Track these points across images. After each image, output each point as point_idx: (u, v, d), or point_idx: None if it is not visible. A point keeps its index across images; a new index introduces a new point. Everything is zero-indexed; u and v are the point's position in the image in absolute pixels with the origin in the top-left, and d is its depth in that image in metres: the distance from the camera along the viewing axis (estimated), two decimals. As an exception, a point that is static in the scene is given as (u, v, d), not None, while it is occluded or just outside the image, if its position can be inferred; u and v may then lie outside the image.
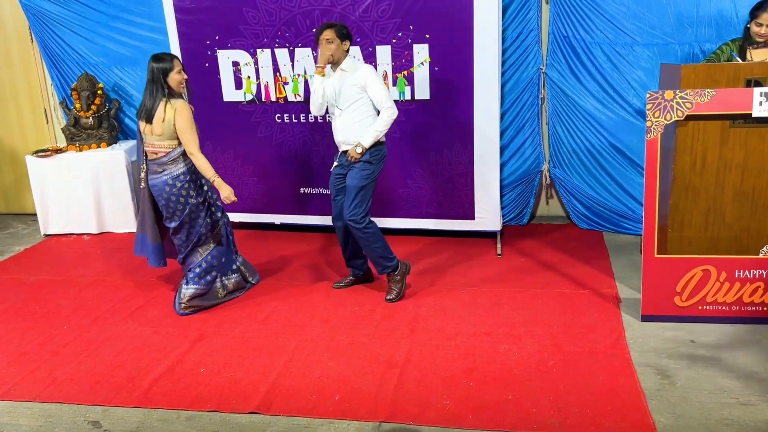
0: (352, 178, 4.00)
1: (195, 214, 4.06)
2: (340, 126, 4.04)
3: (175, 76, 3.93)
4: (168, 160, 3.96)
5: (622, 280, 4.33)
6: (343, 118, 4.01)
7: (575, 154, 5.19)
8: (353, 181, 3.99)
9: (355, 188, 3.98)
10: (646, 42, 4.81)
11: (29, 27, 5.95)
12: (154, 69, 3.88)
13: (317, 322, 3.96)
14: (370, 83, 3.93)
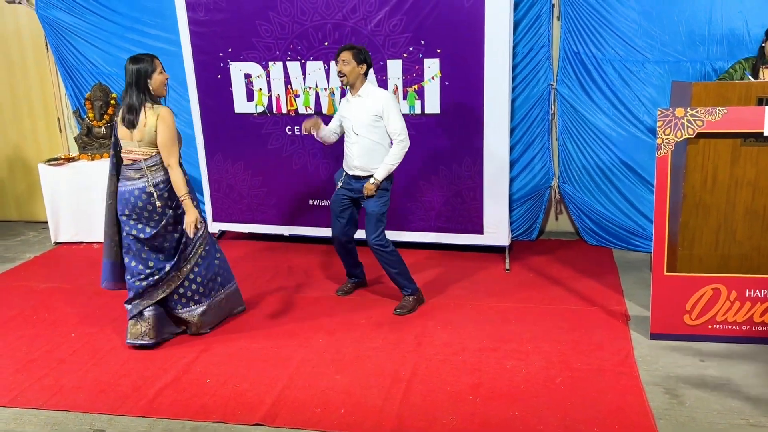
0: (372, 206, 4.05)
1: (171, 227, 3.80)
2: (357, 152, 4.03)
3: (158, 77, 3.67)
4: (146, 166, 3.69)
5: (632, 298, 4.30)
6: (360, 144, 4.02)
7: (585, 170, 5.18)
8: (374, 208, 4.05)
9: (376, 215, 4.05)
10: (658, 59, 4.81)
11: (45, 37, 6.03)
12: (133, 71, 3.62)
13: (323, 334, 3.95)
14: (388, 111, 3.96)
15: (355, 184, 4.11)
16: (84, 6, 5.77)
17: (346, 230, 4.27)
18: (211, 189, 5.51)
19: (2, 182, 6.61)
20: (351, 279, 4.60)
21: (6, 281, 5.06)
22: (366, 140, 4.00)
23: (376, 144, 4.02)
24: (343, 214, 4.20)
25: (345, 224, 4.24)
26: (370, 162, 4.02)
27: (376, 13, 4.72)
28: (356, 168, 4.07)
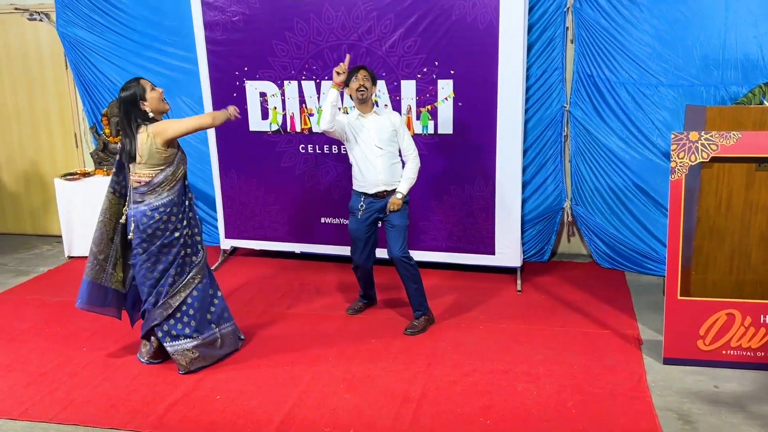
0: (398, 220, 4.13)
1: (167, 250, 3.66)
2: (382, 166, 4.10)
3: (152, 94, 3.60)
4: (148, 190, 3.59)
5: (644, 322, 4.27)
6: (384, 159, 4.11)
7: (598, 193, 5.17)
8: (399, 221, 4.13)
9: (403, 228, 4.14)
10: (671, 83, 4.81)
11: (65, 54, 6.13)
12: (124, 100, 3.55)
13: (333, 353, 3.95)
14: (402, 130, 4.19)
15: (378, 204, 4.15)
16: (104, 24, 5.87)
17: (370, 256, 4.33)
18: (224, 206, 5.55)
19: (18, 196, 6.68)
20: (363, 299, 4.60)
21: (19, 294, 5.10)
22: (389, 154, 4.12)
23: (395, 157, 4.16)
24: (368, 241, 4.26)
25: (370, 251, 4.30)
26: (393, 176, 4.14)
27: (391, 34, 4.77)
28: (381, 183, 4.12)
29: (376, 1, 4.73)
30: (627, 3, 4.78)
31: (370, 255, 4.33)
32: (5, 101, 6.47)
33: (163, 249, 3.65)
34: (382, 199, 4.15)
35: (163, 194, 3.62)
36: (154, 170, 3.59)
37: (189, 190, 3.79)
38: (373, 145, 4.09)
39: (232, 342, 3.97)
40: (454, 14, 4.61)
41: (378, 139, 4.09)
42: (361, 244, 4.25)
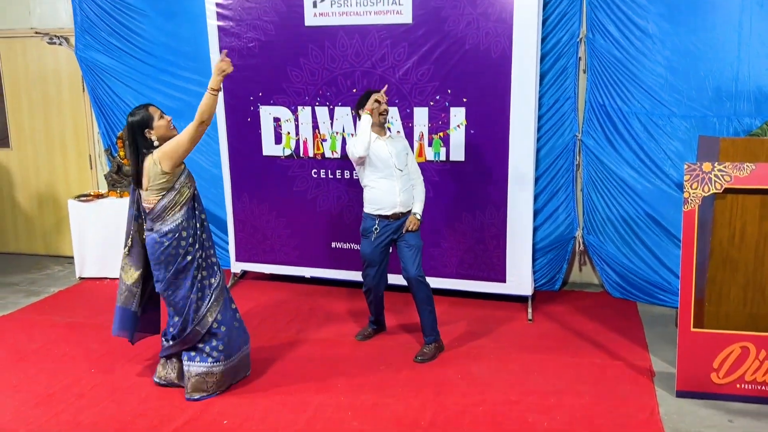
0: (414, 239, 4.21)
1: (182, 275, 3.62)
2: (401, 187, 4.18)
3: (160, 122, 3.56)
4: (153, 216, 3.57)
5: (657, 353, 4.22)
6: (404, 180, 4.19)
7: (610, 222, 5.15)
8: (416, 241, 4.22)
9: (419, 248, 4.22)
10: (684, 114, 4.82)
11: (82, 78, 6.22)
12: (131, 125, 3.53)
13: (342, 379, 3.92)
14: (411, 153, 4.36)
15: (393, 225, 4.19)
16: (122, 49, 5.97)
17: (382, 279, 4.36)
18: (236, 229, 5.57)
19: (32, 216, 6.74)
20: (373, 325, 4.58)
21: (30, 314, 5.12)
22: (406, 176, 4.22)
23: (410, 179, 4.27)
24: (381, 264, 4.29)
25: (382, 273, 4.33)
26: (409, 197, 4.22)
27: (404, 62, 4.81)
28: (399, 204, 4.17)
29: (390, 30, 4.79)
30: (639, 34, 4.81)
31: (382, 278, 4.35)
32: (22, 122, 6.56)
33: (179, 275, 3.61)
34: (397, 220, 4.18)
35: (168, 220, 3.56)
36: (157, 196, 3.55)
37: (201, 210, 3.78)
38: (393, 166, 4.14)
39: (246, 366, 3.96)
40: (467, 43, 4.66)
41: (399, 162, 4.17)
42: (374, 267, 4.26)
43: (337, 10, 4.86)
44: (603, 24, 4.89)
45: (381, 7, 4.77)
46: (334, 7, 4.86)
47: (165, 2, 5.76)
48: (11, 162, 6.69)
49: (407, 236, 4.19)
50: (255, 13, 5.05)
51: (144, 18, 5.84)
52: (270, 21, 5.03)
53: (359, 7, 4.82)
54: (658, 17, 4.76)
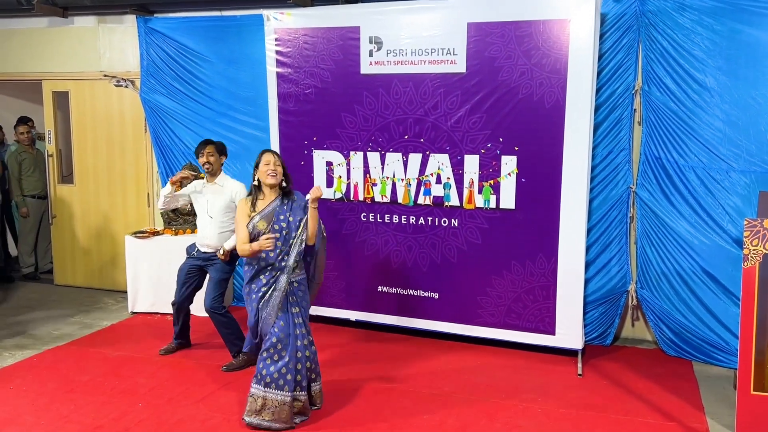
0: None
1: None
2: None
3: (262, 167, 3.97)
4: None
5: (713, 416, 4.03)
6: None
7: (664, 277, 5.01)
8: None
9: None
10: (743, 169, 4.70)
11: (145, 119, 6.48)
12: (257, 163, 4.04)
13: (385, 427, 3.87)
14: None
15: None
16: (183, 92, 6.20)
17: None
18: (284, 270, 5.62)
19: (90, 251, 6.96)
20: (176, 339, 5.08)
21: (82, 347, 5.24)
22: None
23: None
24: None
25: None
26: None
27: (456, 110, 4.87)
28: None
29: (443, 78, 4.86)
30: (697, 87, 4.76)
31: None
32: (86, 159, 6.84)
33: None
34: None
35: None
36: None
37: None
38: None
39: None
40: (520, 93, 4.69)
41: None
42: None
43: (392, 59, 4.97)
44: (659, 76, 4.86)
45: (435, 57, 4.86)
46: (390, 56, 4.98)
47: (228, 49, 5.99)
48: (74, 198, 6.96)
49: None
50: (313, 61, 5.20)
51: (206, 63, 6.08)
52: (327, 69, 5.17)
53: (414, 56, 4.91)
54: (716, 71, 4.70)
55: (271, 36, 5.33)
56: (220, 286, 4.74)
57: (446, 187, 5.02)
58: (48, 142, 7.02)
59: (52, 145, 7.01)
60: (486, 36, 4.72)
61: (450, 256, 5.08)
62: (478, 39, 4.74)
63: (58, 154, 7.08)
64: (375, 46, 5.02)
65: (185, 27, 6.12)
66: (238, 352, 4.77)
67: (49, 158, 7.00)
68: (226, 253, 4.71)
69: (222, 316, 4.73)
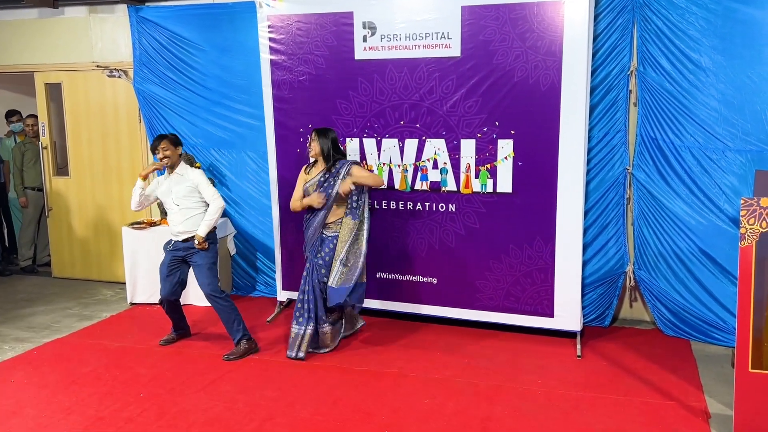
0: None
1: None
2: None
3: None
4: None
5: (712, 394, 4.07)
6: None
7: (662, 257, 5.03)
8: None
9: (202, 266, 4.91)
10: (739, 148, 4.70)
11: (139, 109, 6.44)
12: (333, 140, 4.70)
13: (386, 411, 3.89)
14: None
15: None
16: (177, 81, 6.17)
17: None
18: (283, 258, 5.63)
19: (87, 243, 6.95)
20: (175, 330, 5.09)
21: (82, 339, 5.25)
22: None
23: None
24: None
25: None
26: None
27: (452, 95, 4.85)
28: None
29: (438, 63, 4.84)
30: (692, 67, 4.75)
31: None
32: (81, 151, 6.82)
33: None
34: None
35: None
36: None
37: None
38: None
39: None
40: (516, 76, 4.67)
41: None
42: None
43: (386, 44, 4.95)
44: (654, 57, 4.85)
45: (430, 41, 4.84)
46: (384, 41, 4.95)
47: (220, 37, 5.95)
48: (69, 190, 6.94)
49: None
50: (306, 47, 5.17)
51: (199, 52, 6.04)
52: (321, 55, 5.15)
53: (408, 41, 4.89)
54: (711, 50, 4.69)
55: (263, 23, 5.29)
56: (212, 271, 4.78)
57: (443, 172, 5.02)
58: (42, 134, 6.99)
59: (46, 137, 6.98)
60: (480, 19, 4.70)
61: (448, 241, 5.09)
62: (473, 22, 4.72)
63: (53, 146, 7.06)
64: (369, 31, 4.99)
65: (177, 15, 6.07)
66: (239, 340, 4.78)
67: (44, 150, 6.97)
68: (201, 240, 4.73)
69: (223, 300, 4.75)
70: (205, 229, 4.74)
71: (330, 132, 4.75)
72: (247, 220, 6.20)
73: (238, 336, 4.79)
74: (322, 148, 4.68)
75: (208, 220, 4.75)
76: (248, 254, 6.28)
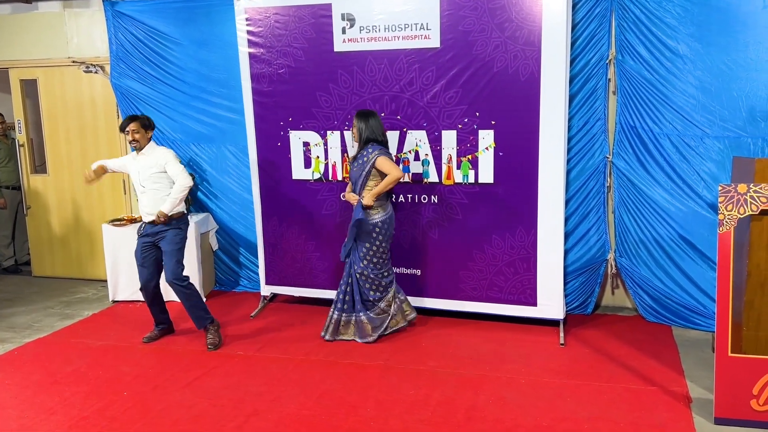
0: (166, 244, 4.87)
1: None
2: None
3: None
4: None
5: (693, 379, 4.12)
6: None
7: (642, 244, 5.08)
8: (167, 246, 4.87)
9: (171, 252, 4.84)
10: (717, 135, 4.75)
11: (117, 104, 6.37)
12: (372, 125, 4.66)
13: (372, 403, 3.90)
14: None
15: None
16: (155, 76, 6.10)
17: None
18: (266, 252, 5.61)
19: (67, 241, 6.88)
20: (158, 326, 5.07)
21: (64, 338, 5.20)
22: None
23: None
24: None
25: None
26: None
27: (432, 86, 4.84)
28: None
29: (418, 54, 4.83)
30: (670, 55, 4.78)
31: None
32: (59, 148, 6.73)
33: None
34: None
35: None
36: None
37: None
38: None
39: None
40: (495, 66, 4.67)
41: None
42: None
43: (365, 36, 4.93)
44: (632, 45, 4.87)
45: (409, 32, 4.82)
46: (363, 33, 4.93)
47: (198, 31, 5.89)
48: (48, 188, 6.85)
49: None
50: (285, 39, 5.14)
51: (177, 46, 5.97)
52: (300, 47, 5.11)
53: (387, 32, 4.87)
54: (688, 38, 4.72)
55: (241, 16, 5.24)
56: (175, 255, 4.73)
57: (425, 164, 5.02)
58: (18, 131, 6.89)
59: (22, 135, 6.88)
60: (459, 9, 4.69)
61: (431, 233, 5.10)
62: (451, 13, 4.71)
63: (30, 143, 6.96)
64: (347, 23, 4.96)
65: (153, 9, 5.99)
66: (207, 326, 4.84)
67: (21, 148, 6.88)
68: (161, 215, 4.68)
69: (184, 287, 4.72)
70: (168, 206, 4.66)
71: (371, 116, 4.70)
72: (229, 215, 6.17)
73: (207, 323, 4.82)
74: (359, 130, 4.69)
75: (172, 197, 4.69)
76: (231, 249, 6.25)
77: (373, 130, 4.68)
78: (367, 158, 4.67)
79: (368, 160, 4.66)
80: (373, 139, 4.67)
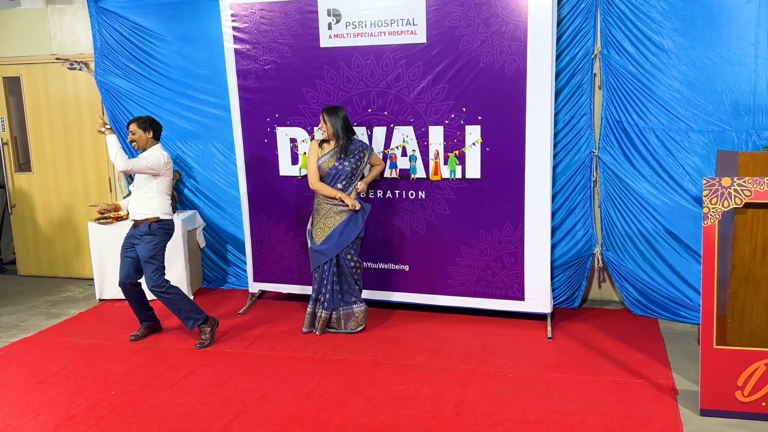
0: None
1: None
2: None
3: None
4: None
5: (679, 371, 4.15)
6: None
7: (629, 238, 5.11)
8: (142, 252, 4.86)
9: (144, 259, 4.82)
10: (702, 128, 4.79)
11: (101, 102, 6.32)
12: (343, 117, 4.71)
13: (361, 399, 3.90)
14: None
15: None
16: (140, 73, 6.06)
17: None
18: (253, 249, 5.59)
19: (53, 240, 6.82)
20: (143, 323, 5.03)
21: (50, 337, 5.16)
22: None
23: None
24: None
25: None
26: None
27: (419, 81, 4.84)
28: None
29: (404, 50, 4.83)
30: (655, 50, 4.81)
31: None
32: (43, 146, 6.67)
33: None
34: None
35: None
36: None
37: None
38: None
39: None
40: (481, 61, 4.68)
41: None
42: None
43: (352, 32, 4.91)
44: (618, 40, 4.89)
45: (395, 28, 4.82)
46: (349, 29, 4.92)
47: (182, 27, 5.85)
48: (33, 186, 6.79)
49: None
50: (271, 35, 5.11)
51: (162, 42, 5.93)
52: (286, 43, 5.09)
53: (374, 28, 4.86)
54: (673, 32, 4.75)
55: (226, 12, 5.21)
56: (151, 263, 4.67)
57: (412, 160, 5.02)
58: (1, 129, 6.83)
59: (6, 133, 6.81)
60: (445, 5, 4.69)
61: (419, 228, 5.11)
62: (438, 8, 4.71)
63: (14, 141, 6.89)
64: (333, 18, 4.95)
65: (138, 5, 5.94)
66: (200, 326, 4.79)
67: (4, 146, 6.81)
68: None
69: (163, 293, 4.68)
70: (111, 152, 4.66)
71: (340, 111, 4.74)
72: (216, 212, 6.14)
73: (198, 323, 4.78)
74: (334, 127, 4.71)
75: (113, 153, 4.65)
76: (218, 246, 6.23)
77: (345, 122, 4.73)
78: (363, 152, 4.81)
79: (365, 154, 4.81)
80: (345, 131, 4.73)
